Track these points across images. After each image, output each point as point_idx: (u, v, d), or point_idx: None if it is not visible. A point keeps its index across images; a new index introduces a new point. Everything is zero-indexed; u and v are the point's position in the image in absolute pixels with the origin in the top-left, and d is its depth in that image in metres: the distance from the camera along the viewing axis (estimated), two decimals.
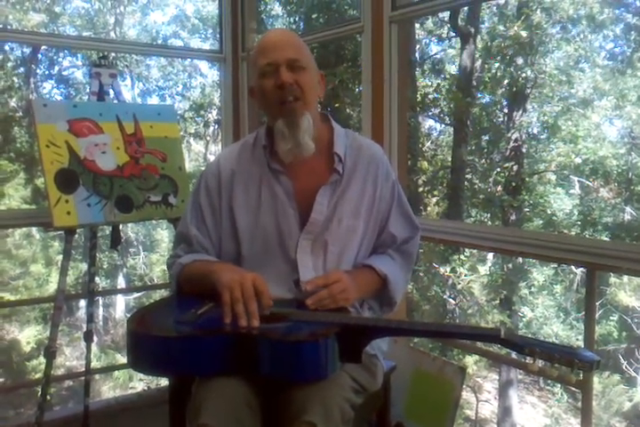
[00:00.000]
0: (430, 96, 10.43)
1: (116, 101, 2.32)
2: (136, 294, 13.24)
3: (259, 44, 1.42)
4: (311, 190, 1.41)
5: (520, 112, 10.75)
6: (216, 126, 13.60)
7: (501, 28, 10.73)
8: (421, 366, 2.02)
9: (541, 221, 11.35)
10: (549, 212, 11.26)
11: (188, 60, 13.22)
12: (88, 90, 2.32)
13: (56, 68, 13.64)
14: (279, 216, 1.41)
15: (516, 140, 10.57)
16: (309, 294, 1.26)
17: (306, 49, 1.42)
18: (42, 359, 2.14)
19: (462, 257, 10.00)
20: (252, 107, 2.92)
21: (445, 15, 10.69)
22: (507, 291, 10.30)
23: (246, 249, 1.42)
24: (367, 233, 1.46)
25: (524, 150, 10.88)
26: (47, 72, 13.71)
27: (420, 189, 10.77)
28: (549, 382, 11.13)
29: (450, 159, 10.87)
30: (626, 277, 9.94)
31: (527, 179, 10.97)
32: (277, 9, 11.20)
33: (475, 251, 9.71)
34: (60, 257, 2.18)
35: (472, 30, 10.33)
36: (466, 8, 10.19)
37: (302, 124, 1.35)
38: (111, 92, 2.30)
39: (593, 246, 1.68)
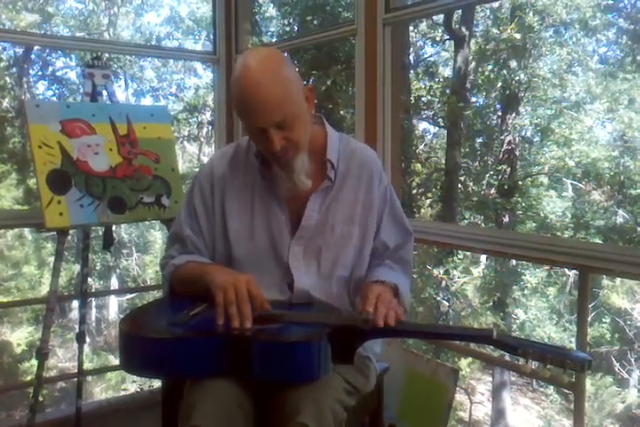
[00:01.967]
0: (424, 99, 10.46)
1: (109, 102, 2.31)
2: (129, 296, 13.21)
3: (239, 89, 1.25)
4: (303, 196, 1.40)
5: (513, 115, 10.81)
6: (210, 128, 13.59)
7: (495, 31, 10.78)
8: (414, 368, 2.02)
9: (534, 224, 11.40)
10: (542, 214, 11.31)
11: (182, 61, 13.20)
12: (81, 90, 2.31)
13: (49, 68, 13.60)
14: (271, 221, 1.41)
15: (509, 143, 10.62)
16: (368, 319, 1.19)
17: (291, 86, 1.27)
18: (34, 361, 2.13)
19: (456, 259, 10.03)
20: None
21: (439, 18, 10.73)
22: (500, 293, 10.33)
23: (238, 252, 1.42)
24: (366, 237, 1.44)
25: (517, 153, 10.93)
26: (40, 72, 13.66)
27: (414, 192, 10.79)
28: (542, 384, 11.17)
29: (443, 162, 10.90)
30: (618, 280, 10.00)
31: (520, 181, 11.02)
32: (272, 11, 11.20)
33: (468, 253, 9.74)
34: (53, 258, 2.17)
35: (466, 33, 10.38)
36: (460, 11, 10.23)
37: (297, 166, 1.33)
38: (104, 92, 2.30)
39: (585, 249, 1.68)
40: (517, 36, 9.92)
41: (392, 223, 1.49)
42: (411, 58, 11.24)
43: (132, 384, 11.27)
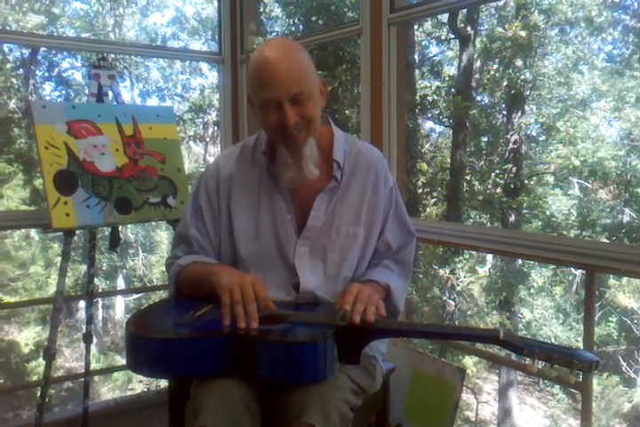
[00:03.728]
0: (429, 98, 10.43)
1: (114, 103, 2.32)
2: (135, 296, 13.25)
3: (257, 65, 1.30)
4: (309, 196, 1.40)
5: (519, 114, 10.77)
6: (215, 128, 13.60)
7: (500, 29, 10.75)
8: (421, 368, 2.01)
9: (540, 223, 11.37)
10: (548, 213, 11.27)
11: (188, 61, 13.23)
12: (87, 91, 2.32)
13: (55, 69, 13.64)
14: (277, 221, 1.41)
15: (514, 142, 10.58)
16: (345, 316, 1.19)
17: (307, 67, 1.31)
18: (41, 361, 2.14)
19: (462, 259, 10.00)
20: (251, 110, 2.92)
21: (444, 17, 10.71)
22: (506, 292, 10.30)
23: (243, 251, 1.41)
24: (370, 238, 1.44)
25: (522, 152, 10.89)
26: (47, 73, 13.71)
27: (420, 191, 10.76)
28: (549, 383, 11.13)
29: (449, 161, 10.87)
30: (625, 279, 9.96)
31: (526, 180, 10.98)
32: (277, 11, 11.21)
33: (474, 252, 9.72)
34: (60, 259, 2.18)
35: (471, 32, 10.35)
36: (464, 10, 10.20)
37: (305, 152, 1.33)
38: (110, 93, 2.30)
39: (591, 248, 1.67)
40: (523, 34, 9.88)
41: (396, 224, 1.49)
42: (416, 57, 11.21)
43: (139, 384, 11.30)
